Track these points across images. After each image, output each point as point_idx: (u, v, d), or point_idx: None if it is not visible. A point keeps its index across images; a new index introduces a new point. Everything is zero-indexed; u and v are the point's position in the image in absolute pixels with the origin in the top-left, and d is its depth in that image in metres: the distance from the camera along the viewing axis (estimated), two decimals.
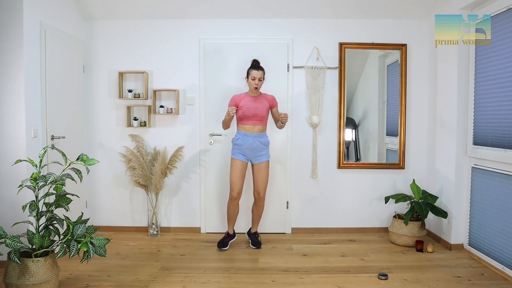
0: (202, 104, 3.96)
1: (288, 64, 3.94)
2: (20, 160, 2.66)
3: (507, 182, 2.95)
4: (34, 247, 2.49)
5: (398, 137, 4.00)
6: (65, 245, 2.45)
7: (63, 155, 2.67)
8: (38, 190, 2.53)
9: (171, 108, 3.94)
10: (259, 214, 3.61)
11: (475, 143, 3.33)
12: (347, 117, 4.01)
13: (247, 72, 3.43)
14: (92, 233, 2.56)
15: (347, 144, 4.08)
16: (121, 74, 3.92)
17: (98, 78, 3.99)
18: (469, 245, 3.43)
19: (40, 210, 2.56)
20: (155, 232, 3.90)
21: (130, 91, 3.93)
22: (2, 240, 2.40)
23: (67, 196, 2.63)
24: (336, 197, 4.05)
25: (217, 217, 3.99)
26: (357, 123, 4.07)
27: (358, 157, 4.13)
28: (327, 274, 2.97)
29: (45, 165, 2.89)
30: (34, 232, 2.50)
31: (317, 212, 4.05)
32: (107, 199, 4.05)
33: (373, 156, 4.14)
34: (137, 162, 3.76)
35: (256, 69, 3.37)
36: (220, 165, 3.98)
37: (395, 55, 3.99)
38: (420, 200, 3.60)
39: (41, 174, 2.59)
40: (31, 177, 2.50)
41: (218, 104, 3.91)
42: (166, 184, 3.98)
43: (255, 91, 3.42)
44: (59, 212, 2.88)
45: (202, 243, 3.70)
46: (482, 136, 3.25)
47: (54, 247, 2.57)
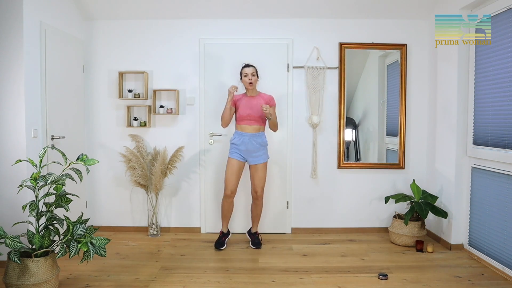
0: (202, 104, 3.97)
1: (288, 64, 3.94)
2: (20, 160, 2.66)
3: (507, 182, 2.95)
4: (34, 247, 2.49)
5: (398, 137, 3.99)
6: (65, 245, 2.45)
7: (63, 155, 2.67)
8: (38, 190, 2.53)
9: (171, 108, 3.94)
10: (258, 214, 3.62)
11: (475, 143, 3.33)
12: (347, 117, 4.01)
13: (240, 73, 3.49)
14: (92, 233, 2.56)
15: (347, 144, 4.08)
16: (121, 74, 3.92)
17: (98, 78, 3.99)
18: (469, 245, 3.43)
19: (40, 210, 2.56)
20: (155, 232, 3.90)
21: (130, 91, 3.93)
22: (2, 240, 2.40)
23: (67, 196, 2.63)
24: (336, 197, 4.05)
25: (217, 217, 3.98)
26: (357, 123, 4.07)
27: (358, 157, 4.13)
28: (327, 274, 2.97)
29: (45, 165, 2.89)
30: (34, 232, 2.50)
31: (317, 212, 4.05)
32: (107, 199, 4.05)
33: (373, 156, 4.14)
34: (137, 162, 3.76)
35: (247, 67, 3.45)
36: (220, 165, 3.97)
37: (395, 55, 3.99)
38: (420, 200, 3.60)
39: (41, 174, 2.59)
40: (31, 177, 2.50)
41: (218, 104, 3.91)
42: (166, 184, 3.98)
43: (250, 88, 3.44)
44: (59, 212, 2.88)
45: (202, 243, 3.70)
46: (482, 136, 3.25)
47: (54, 247, 2.57)
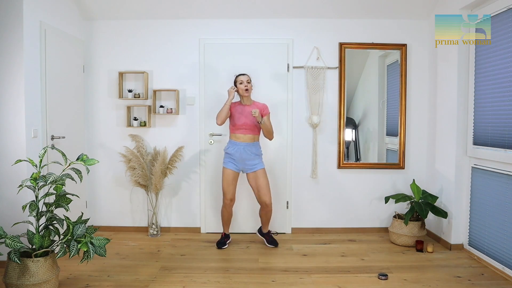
0: (202, 104, 3.97)
1: (288, 64, 3.94)
2: (20, 160, 2.66)
3: (507, 182, 2.95)
4: (34, 247, 2.49)
5: (398, 137, 3.99)
6: (65, 245, 2.45)
7: (63, 155, 2.67)
8: (38, 190, 2.53)
9: (171, 108, 3.94)
10: (268, 218, 3.60)
11: (475, 143, 3.33)
12: (347, 117, 4.01)
13: (234, 82, 3.47)
14: (92, 233, 2.56)
15: (347, 144, 4.08)
16: (121, 74, 3.92)
17: (98, 78, 3.99)
18: (469, 245, 3.43)
19: (40, 210, 2.56)
20: (155, 232, 3.90)
21: (130, 91, 3.93)
22: (2, 240, 2.40)
23: (67, 196, 2.63)
24: (336, 197, 4.05)
25: (217, 217, 3.99)
26: (357, 123, 4.07)
27: (358, 157, 4.13)
28: (327, 274, 2.97)
29: (45, 165, 2.89)
30: (34, 232, 2.50)
31: (317, 212, 4.05)
32: (107, 199, 4.05)
33: (373, 156, 4.14)
34: (137, 162, 3.76)
35: (241, 74, 3.46)
36: (220, 165, 3.96)
37: (395, 55, 3.99)
38: (420, 200, 3.59)
39: (41, 174, 2.59)
40: (31, 177, 2.50)
41: (218, 104, 3.90)
42: (166, 184, 3.98)
43: (246, 95, 3.43)
44: (59, 212, 2.88)
45: (202, 243, 3.70)
46: (482, 136, 3.25)
47: (54, 247, 2.57)
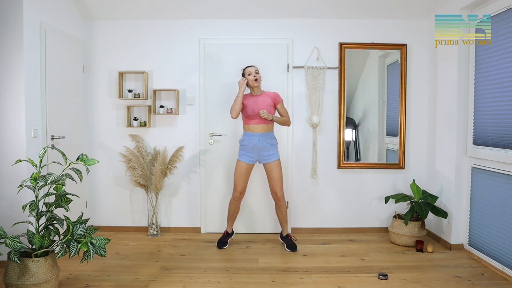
0: (202, 104, 3.97)
1: (288, 64, 3.94)
2: (20, 160, 2.66)
3: (507, 182, 2.95)
4: (34, 247, 2.49)
5: (398, 137, 3.99)
6: (65, 245, 2.45)
7: (63, 155, 2.67)
8: (38, 190, 2.53)
9: (171, 108, 3.94)
10: (284, 215, 3.56)
11: (475, 143, 3.33)
12: (347, 117, 4.01)
13: (243, 75, 3.45)
14: (92, 233, 2.56)
15: (347, 144, 4.08)
16: (121, 74, 3.92)
17: (98, 78, 3.99)
18: (469, 245, 3.43)
19: (40, 210, 2.56)
20: (155, 232, 3.90)
21: (130, 91, 3.93)
22: (2, 240, 2.40)
23: (67, 196, 2.63)
24: (336, 197, 4.05)
25: (217, 217, 3.99)
26: (357, 123, 4.07)
27: (358, 157, 4.12)
28: (327, 274, 2.97)
29: (45, 165, 2.90)
30: (34, 232, 2.50)
31: (317, 212, 4.05)
32: (107, 199, 4.05)
33: (373, 156, 4.14)
34: (137, 162, 3.76)
35: (249, 66, 3.45)
36: (220, 165, 3.98)
37: (395, 55, 3.99)
38: (420, 200, 3.59)
39: (41, 174, 2.59)
40: (31, 177, 2.50)
41: (218, 104, 3.91)
42: (166, 184, 3.98)
43: (256, 85, 3.41)
44: (59, 212, 2.88)
45: (202, 243, 3.70)
46: (482, 136, 3.25)
47: (54, 247, 2.57)
